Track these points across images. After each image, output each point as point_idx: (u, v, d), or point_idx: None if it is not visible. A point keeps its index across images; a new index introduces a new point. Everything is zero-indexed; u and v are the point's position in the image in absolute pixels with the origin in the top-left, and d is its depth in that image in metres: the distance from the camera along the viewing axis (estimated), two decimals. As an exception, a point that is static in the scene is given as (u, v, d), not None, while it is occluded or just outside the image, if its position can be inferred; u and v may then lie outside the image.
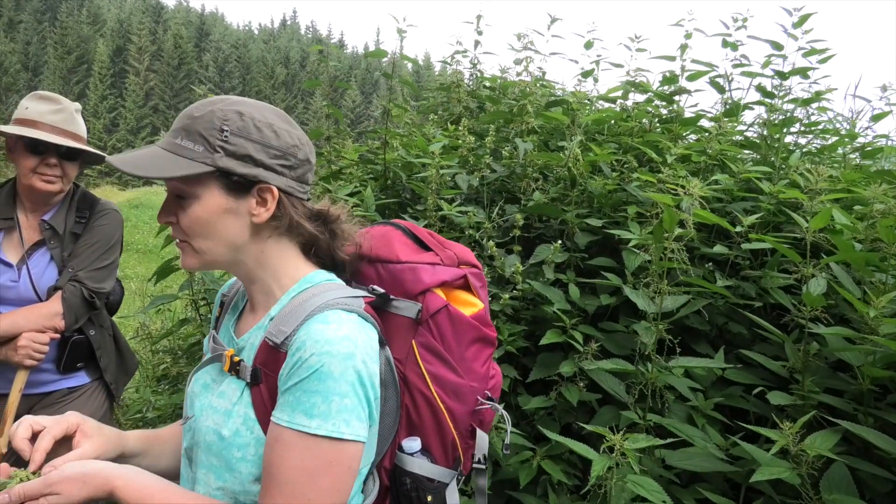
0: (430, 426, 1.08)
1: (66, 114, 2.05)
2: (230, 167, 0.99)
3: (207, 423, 1.03)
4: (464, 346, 1.12)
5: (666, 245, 1.69)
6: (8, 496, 0.89)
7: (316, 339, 0.94)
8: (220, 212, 1.02)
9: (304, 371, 0.93)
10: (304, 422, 0.92)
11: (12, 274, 2.03)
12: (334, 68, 3.04)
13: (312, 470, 0.92)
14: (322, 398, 0.92)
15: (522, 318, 2.31)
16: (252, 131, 1.01)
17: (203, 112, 1.01)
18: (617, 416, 1.95)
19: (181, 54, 77.53)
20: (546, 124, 2.97)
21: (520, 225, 2.31)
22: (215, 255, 1.04)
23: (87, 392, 2.19)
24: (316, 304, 0.99)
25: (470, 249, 1.25)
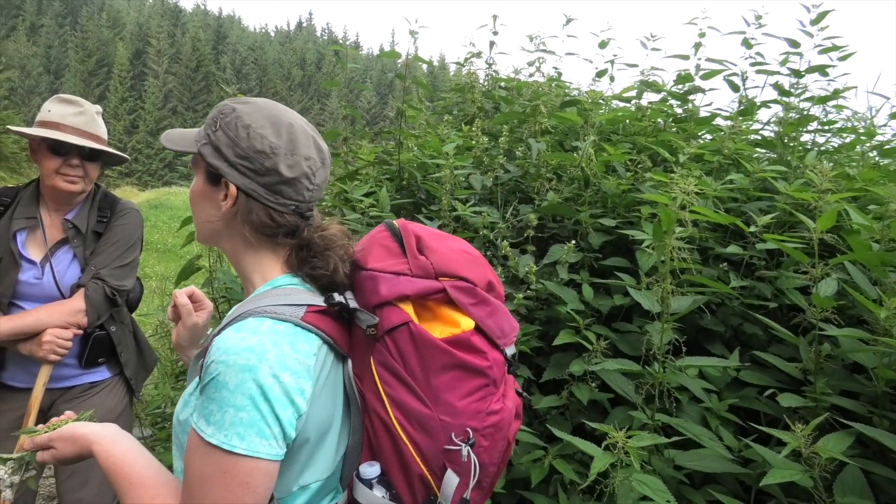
0: (390, 454, 0.97)
1: (87, 116, 2.10)
2: (205, 154, 1.06)
3: (176, 407, 1.08)
4: (431, 372, 0.97)
5: (668, 244, 1.69)
6: (31, 441, 1.12)
7: (218, 346, 0.92)
8: (200, 194, 1.11)
9: (206, 377, 0.92)
10: (203, 427, 0.91)
11: (36, 271, 2.08)
12: (351, 70, 3.07)
13: (205, 477, 0.91)
14: (217, 407, 0.90)
15: (536, 318, 2.32)
16: (231, 128, 1.04)
17: (222, 104, 1.10)
18: (629, 416, 1.95)
19: (199, 57, 78.36)
20: (560, 125, 2.98)
21: (534, 225, 2.32)
22: (201, 232, 1.14)
23: (108, 387, 2.24)
24: (246, 308, 0.97)
25: (477, 255, 1.11)
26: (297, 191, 1.05)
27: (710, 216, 1.76)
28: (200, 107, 74.71)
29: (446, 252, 1.07)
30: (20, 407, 2.10)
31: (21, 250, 2.07)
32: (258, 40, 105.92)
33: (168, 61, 76.96)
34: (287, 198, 1.05)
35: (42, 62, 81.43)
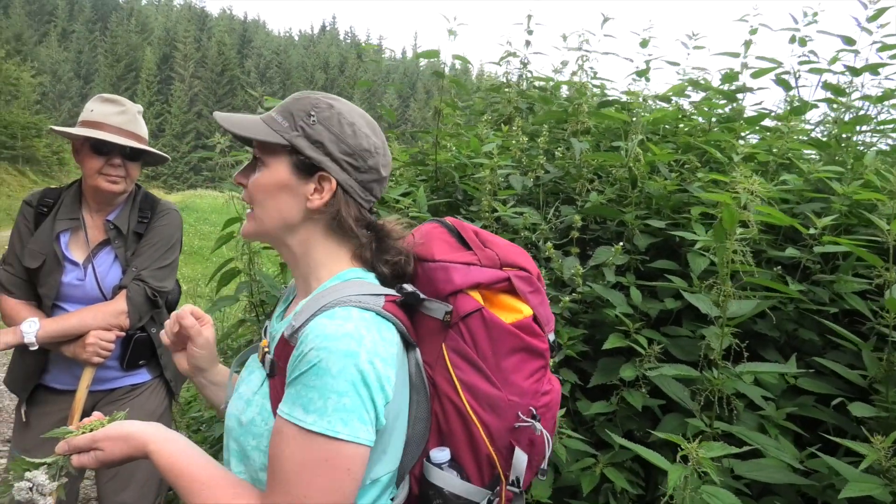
0: (461, 438, 1.02)
1: (129, 115, 2.09)
2: (301, 146, 1.03)
3: (232, 408, 1.07)
4: (501, 355, 1.03)
5: (728, 246, 1.62)
6: (66, 444, 1.03)
7: (317, 333, 0.92)
8: (281, 185, 1.05)
9: (304, 365, 0.92)
10: (301, 416, 0.91)
11: (79, 273, 2.08)
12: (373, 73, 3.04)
13: (308, 466, 0.90)
14: (318, 394, 0.90)
15: (580, 321, 2.26)
16: (334, 124, 1.05)
17: (302, 97, 1.08)
18: (682, 423, 1.88)
19: (224, 61, 79.45)
20: (599, 125, 2.91)
21: (578, 226, 2.26)
22: (267, 226, 1.07)
23: (148, 389, 2.23)
24: (330, 299, 0.98)
25: (525, 251, 1.17)
26: (381, 189, 1.12)
27: (776, 217, 1.68)
28: (225, 110, 75.50)
29: (504, 245, 1.14)
30: (63, 409, 2.10)
31: (65, 251, 2.07)
32: (282, 44, 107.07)
33: (194, 65, 78.16)
34: (374, 195, 1.11)
35: (73, 67, 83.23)
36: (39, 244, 2.04)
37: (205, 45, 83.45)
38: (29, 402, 2.13)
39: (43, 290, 2.05)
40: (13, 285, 2.06)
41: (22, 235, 2.08)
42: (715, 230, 1.59)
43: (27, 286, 2.07)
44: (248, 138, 1.07)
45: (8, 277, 2.06)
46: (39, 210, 2.11)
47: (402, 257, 1.10)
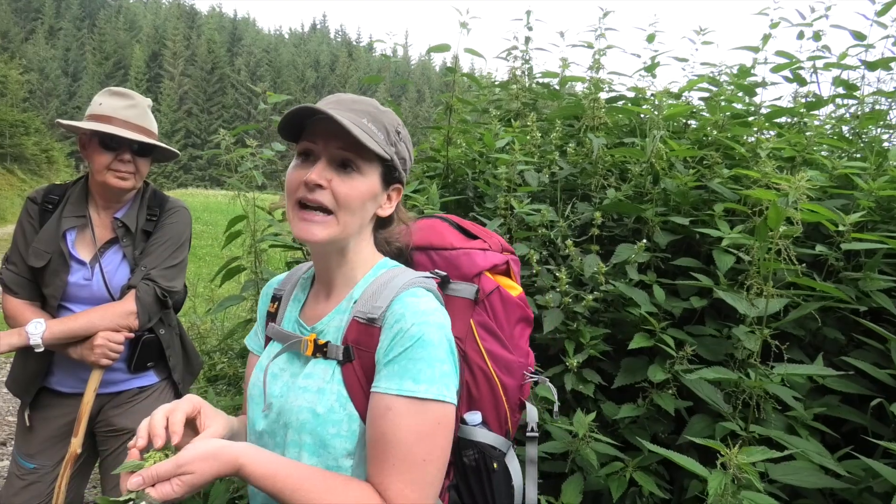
0: (488, 400, 1.16)
1: (139, 109, 2.02)
2: (396, 163, 1.11)
3: (298, 402, 1.06)
4: (512, 324, 1.22)
5: (771, 244, 1.57)
6: (141, 478, 0.90)
7: (414, 310, 1.02)
8: (371, 195, 1.09)
9: (408, 340, 1.00)
10: (413, 387, 0.98)
11: (86, 272, 2.00)
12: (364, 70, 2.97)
13: (425, 433, 0.98)
14: (426, 364, 0.99)
15: (601, 320, 2.21)
16: (408, 141, 1.16)
17: (384, 111, 1.12)
18: (710, 426, 1.84)
19: (214, 59, 78.92)
20: (609, 120, 2.86)
21: (598, 223, 2.21)
22: (349, 231, 1.09)
23: (156, 391, 2.16)
24: (402, 282, 1.07)
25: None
26: None
27: (822, 213, 1.63)
28: (215, 108, 75.25)
29: (494, 234, 1.32)
30: (68, 413, 2.03)
31: (71, 250, 1.99)
32: (272, 42, 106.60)
33: (184, 63, 77.57)
34: None
35: (60, 65, 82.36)
36: (45, 242, 1.96)
37: (194, 42, 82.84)
38: (32, 405, 2.05)
39: (48, 290, 1.97)
40: (17, 285, 1.98)
41: (26, 233, 2.00)
42: (758, 228, 1.54)
43: (31, 286, 1.99)
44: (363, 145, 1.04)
45: (11, 277, 1.98)
46: (44, 207, 2.03)
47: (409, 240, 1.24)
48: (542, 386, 1.33)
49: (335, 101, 1.09)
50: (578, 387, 1.97)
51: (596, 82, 2.68)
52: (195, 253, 12.60)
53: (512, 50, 3.36)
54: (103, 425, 2.11)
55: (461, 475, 1.14)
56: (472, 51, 2.70)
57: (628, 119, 2.89)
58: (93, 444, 2.16)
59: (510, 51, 3.41)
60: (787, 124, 2.91)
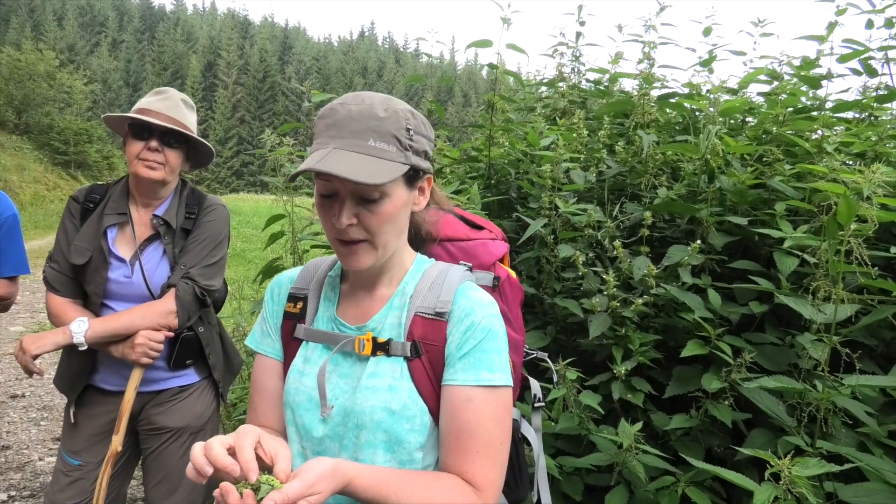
0: None
1: (170, 101, 2.03)
2: (417, 164, 1.06)
3: (370, 402, 1.05)
4: (517, 307, 1.31)
5: (841, 244, 1.44)
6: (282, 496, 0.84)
7: (481, 304, 1.08)
8: (403, 206, 1.07)
9: (480, 332, 1.05)
10: (490, 377, 1.04)
11: (126, 270, 2.01)
12: (430, 73, 2.92)
13: (499, 416, 1.05)
14: (497, 354, 1.06)
15: (651, 326, 2.09)
16: (422, 128, 1.08)
17: (387, 112, 1.02)
18: (772, 440, 1.70)
19: (266, 67, 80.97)
20: (660, 117, 2.73)
21: (648, 223, 2.10)
22: (391, 248, 1.09)
23: (197, 390, 2.16)
24: (457, 277, 1.12)
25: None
26: None
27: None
28: (266, 116, 77.15)
29: (492, 223, 1.38)
30: (111, 411, 2.04)
31: (111, 248, 2.00)
32: (322, 50, 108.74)
33: (237, 72, 79.87)
34: None
35: (122, 76, 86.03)
36: (86, 240, 1.98)
37: (247, 52, 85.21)
38: (78, 402, 2.08)
39: (90, 287, 1.99)
40: (59, 283, 2.00)
41: (68, 232, 2.03)
42: (828, 225, 1.42)
43: (73, 284, 2.01)
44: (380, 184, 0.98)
45: (54, 275, 2.01)
46: (86, 206, 2.05)
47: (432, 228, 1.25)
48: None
49: (336, 129, 1.01)
50: (626, 396, 1.86)
51: (647, 76, 2.56)
52: (244, 256, 12.89)
53: (559, 46, 3.26)
54: (145, 423, 2.11)
55: None
56: (515, 46, 2.62)
57: (681, 116, 2.76)
58: (135, 442, 2.17)
59: (557, 47, 3.31)
60: (855, 119, 2.72)
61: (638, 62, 2.72)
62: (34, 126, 28.61)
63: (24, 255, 2.38)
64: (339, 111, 1.01)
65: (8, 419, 4.72)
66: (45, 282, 2.03)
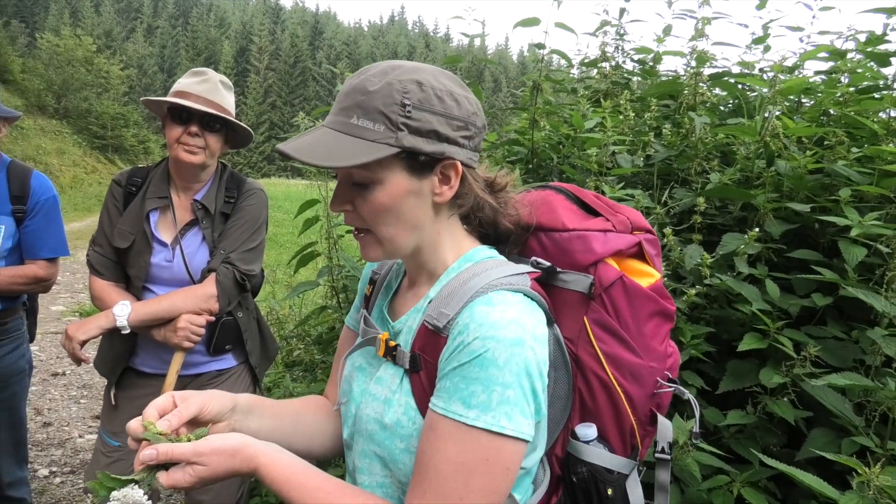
0: (607, 411, 0.97)
1: (209, 84, 1.99)
2: (416, 146, 0.89)
3: (367, 411, 0.97)
4: (641, 321, 1.00)
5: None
6: (156, 451, 0.84)
7: (480, 322, 0.85)
8: (404, 195, 0.92)
9: (466, 356, 0.84)
10: (461, 411, 0.84)
11: (167, 254, 2.00)
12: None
13: (466, 466, 0.83)
14: (483, 387, 0.83)
15: (702, 317, 2.00)
16: (434, 102, 0.90)
17: (379, 85, 0.88)
18: (835, 440, 1.61)
19: (297, 53, 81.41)
20: (711, 99, 2.61)
21: (701, 210, 2.00)
22: (400, 242, 0.96)
23: (234, 375, 2.15)
24: (479, 285, 0.91)
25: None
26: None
27: None
28: (297, 101, 77.67)
29: (628, 208, 1.08)
30: (151, 394, 2.03)
31: (154, 231, 1.99)
32: (352, 35, 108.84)
33: (268, 58, 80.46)
34: (480, 151, 0.99)
35: (157, 61, 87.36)
36: (129, 224, 1.97)
37: (279, 37, 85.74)
38: (118, 385, 2.08)
39: (132, 270, 1.98)
40: (103, 266, 2.00)
41: (111, 215, 2.02)
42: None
43: (116, 267, 2.01)
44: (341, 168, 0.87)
45: (98, 258, 2.01)
46: (128, 189, 2.04)
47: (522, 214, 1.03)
48: None
49: (335, 104, 0.93)
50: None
51: (699, 55, 2.43)
52: (276, 240, 13.00)
53: (605, 25, 3.13)
54: (183, 407, 2.11)
55: (570, 495, 0.98)
56: (564, 25, 2.52)
57: (732, 97, 2.63)
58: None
59: (601, 27, 3.18)
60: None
61: (689, 39, 2.59)
62: (73, 110, 29.24)
63: (63, 237, 2.39)
64: (344, 84, 0.93)
65: (49, 396, 4.83)
66: (88, 265, 2.03)
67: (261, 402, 1.07)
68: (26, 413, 2.55)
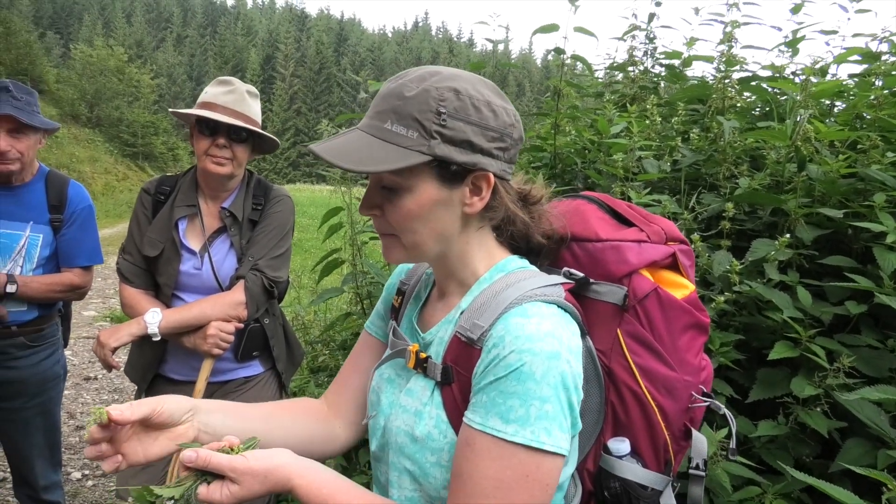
0: (640, 426, 0.95)
1: (236, 95, 2.02)
2: (449, 155, 0.87)
3: (397, 423, 0.96)
4: (676, 334, 0.98)
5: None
6: (196, 454, 0.84)
7: (516, 334, 0.84)
8: (433, 204, 0.91)
9: (502, 370, 0.83)
10: (500, 426, 0.83)
11: (196, 261, 2.03)
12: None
13: (505, 482, 0.82)
14: (520, 401, 0.82)
15: (731, 324, 1.97)
16: (471, 112, 0.88)
17: (416, 91, 0.88)
18: (870, 452, 1.57)
19: (322, 59, 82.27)
20: (741, 103, 2.57)
21: (730, 216, 1.97)
22: (424, 250, 0.95)
23: (261, 382, 2.17)
24: (513, 296, 0.89)
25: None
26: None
27: None
28: (322, 107, 78.47)
29: (662, 218, 1.07)
30: (180, 399, 2.07)
31: (182, 239, 2.03)
32: (376, 41, 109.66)
33: (294, 65, 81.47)
34: (514, 163, 0.97)
35: (186, 70, 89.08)
36: (158, 232, 2.01)
37: (304, 44, 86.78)
38: (148, 392, 2.12)
39: (162, 278, 2.01)
40: (133, 274, 2.04)
41: (140, 224, 2.06)
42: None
43: (146, 275, 2.05)
44: (376, 173, 0.89)
45: (127, 266, 2.05)
46: (157, 198, 2.08)
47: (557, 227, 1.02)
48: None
49: (371, 108, 0.93)
50: (707, 399, 1.75)
51: (729, 58, 2.40)
52: (301, 245, 13.13)
53: (633, 30, 3.11)
54: (211, 413, 2.14)
55: None
56: (583, 29, 2.51)
57: (762, 101, 2.59)
58: (202, 430, 2.20)
59: (630, 31, 3.16)
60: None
61: (718, 43, 2.56)
62: (105, 119, 29.99)
63: (98, 246, 2.45)
64: (381, 88, 0.92)
65: (82, 400, 4.94)
66: (118, 273, 2.07)
67: (226, 404, 1.07)
68: (60, 417, 2.61)
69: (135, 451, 0.93)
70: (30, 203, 2.33)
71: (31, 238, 2.31)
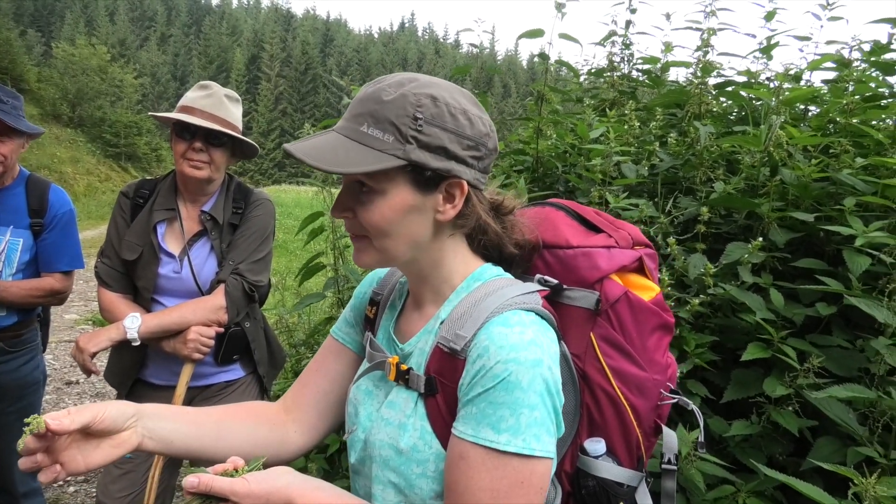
0: (614, 426, 0.98)
1: (214, 99, 2.02)
2: (424, 161, 0.88)
3: (380, 436, 0.96)
4: (645, 335, 1.01)
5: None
6: (198, 480, 0.84)
7: (500, 344, 0.85)
8: (406, 209, 0.91)
9: (489, 381, 0.84)
10: (492, 437, 0.84)
11: (175, 265, 2.03)
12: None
13: (501, 491, 0.84)
14: (510, 411, 0.84)
15: (707, 326, 2.00)
16: (447, 119, 0.90)
17: (393, 96, 0.88)
18: (840, 450, 1.61)
19: (308, 60, 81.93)
20: (717, 108, 2.62)
21: (704, 219, 2.01)
22: (396, 254, 0.95)
23: (242, 386, 2.18)
24: (493, 305, 0.90)
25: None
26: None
27: None
28: (308, 108, 78.17)
29: (626, 223, 1.11)
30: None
31: (161, 243, 2.03)
32: (362, 42, 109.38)
33: (279, 65, 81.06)
34: (488, 173, 0.99)
35: (170, 69, 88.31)
36: (136, 236, 2.01)
37: (290, 45, 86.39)
38: (128, 397, 2.11)
39: (141, 282, 2.01)
40: (111, 278, 2.04)
41: (119, 227, 2.06)
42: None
43: (124, 279, 2.04)
44: (350, 174, 0.89)
45: (106, 270, 2.04)
46: (136, 201, 2.08)
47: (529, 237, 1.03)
48: None
49: (347, 111, 0.93)
50: (682, 399, 1.79)
51: (705, 65, 2.44)
52: (286, 247, 13.07)
53: (611, 35, 3.15)
54: (193, 417, 2.14)
55: None
56: (568, 36, 2.54)
57: (738, 106, 2.63)
58: (184, 434, 2.20)
59: (608, 37, 3.20)
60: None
61: (695, 49, 2.61)
62: (87, 119, 29.59)
63: (79, 250, 2.44)
64: (359, 92, 0.93)
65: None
66: (97, 277, 2.06)
67: (173, 409, 1.05)
68: (40, 422, 2.59)
69: (74, 460, 0.89)
70: (10, 207, 2.31)
71: (11, 242, 2.29)
